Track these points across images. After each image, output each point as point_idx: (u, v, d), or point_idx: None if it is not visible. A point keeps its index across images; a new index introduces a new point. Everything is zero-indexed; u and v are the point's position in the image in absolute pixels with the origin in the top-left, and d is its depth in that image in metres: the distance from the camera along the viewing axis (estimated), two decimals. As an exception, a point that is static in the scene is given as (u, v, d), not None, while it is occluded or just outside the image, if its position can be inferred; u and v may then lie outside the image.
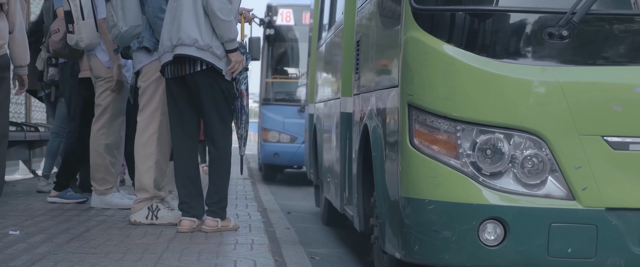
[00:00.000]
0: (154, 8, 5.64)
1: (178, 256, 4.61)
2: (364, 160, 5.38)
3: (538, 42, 3.99)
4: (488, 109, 3.97)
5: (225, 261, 4.53)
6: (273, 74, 14.81)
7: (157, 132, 5.70)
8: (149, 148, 5.71)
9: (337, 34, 7.07)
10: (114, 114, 6.60)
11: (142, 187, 5.72)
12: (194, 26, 5.27)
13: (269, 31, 14.69)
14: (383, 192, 4.57)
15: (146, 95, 5.77)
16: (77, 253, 4.58)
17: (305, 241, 7.02)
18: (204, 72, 5.34)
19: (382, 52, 4.83)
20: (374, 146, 4.83)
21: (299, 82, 14.66)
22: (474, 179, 3.97)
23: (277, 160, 14.27)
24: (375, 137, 4.83)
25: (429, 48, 4.05)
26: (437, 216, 3.99)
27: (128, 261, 4.40)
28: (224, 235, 5.44)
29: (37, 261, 4.32)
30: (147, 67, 5.76)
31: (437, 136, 4.03)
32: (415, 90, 4.08)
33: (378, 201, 4.70)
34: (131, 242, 5.03)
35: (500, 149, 3.97)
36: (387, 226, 4.45)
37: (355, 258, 6.55)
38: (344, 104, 6.44)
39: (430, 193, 4.01)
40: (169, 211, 5.81)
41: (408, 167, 4.10)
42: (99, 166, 6.56)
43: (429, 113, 4.03)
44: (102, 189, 6.62)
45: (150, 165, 5.69)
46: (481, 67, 3.98)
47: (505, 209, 3.93)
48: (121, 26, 5.67)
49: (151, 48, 5.68)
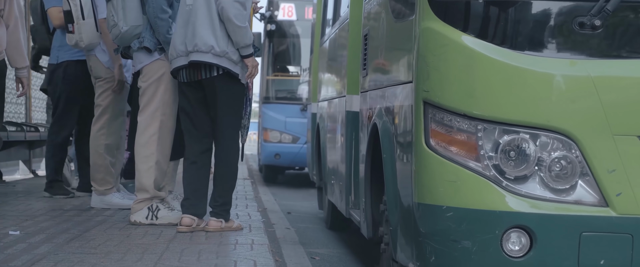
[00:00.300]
0: (155, 8, 5.62)
1: (178, 256, 4.59)
2: (372, 162, 5.03)
3: (567, 33, 3.63)
4: (512, 106, 3.61)
5: (225, 261, 4.50)
6: (274, 71, 14.25)
7: (157, 133, 5.69)
8: (149, 148, 5.70)
9: (342, 29, 6.73)
10: (114, 115, 6.61)
11: (142, 188, 5.71)
12: (209, 33, 5.33)
13: (270, 27, 14.15)
14: (394, 197, 4.22)
15: (147, 95, 5.74)
16: (77, 253, 4.57)
17: (305, 241, 6.96)
18: (220, 77, 5.40)
19: (394, 45, 4.47)
20: (384, 147, 4.47)
21: (301, 79, 14.13)
22: (496, 184, 3.61)
23: (279, 161, 13.66)
24: (385, 137, 4.48)
25: (446, 40, 3.69)
26: (456, 224, 3.63)
27: (128, 261, 4.39)
28: (224, 235, 5.42)
29: (37, 261, 4.30)
30: (147, 67, 5.74)
31: (455, 136, 3.67)
32: (431, 86, 3.72)
33: (389, 206, 4.35)
34: (131, 242, 5.02)
35: (525, 151, 3.61)
36: (399, 234, 4.10)
37: (355, 258, 6.45)
38: (350, 102, 6.12)
39: (448, 199, 3.66)
40: (169, 211, 5.80)
41: (423, 171, 3.74)
42: (99, 166, 6.56)
43: (447, 111, 3.67)
44: (102, 189, 6.62)
45: (151, 165, 5.68)
46: (504, 61, 3.62)
47: (531, 216, 3.57)
48: (122, 26, 5.66)
49: (152, 48, 5.68)
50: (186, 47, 5.38)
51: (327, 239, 7.52)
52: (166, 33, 5.63)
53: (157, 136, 5.69)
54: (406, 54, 4.05)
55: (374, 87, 5.00)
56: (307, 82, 13.11)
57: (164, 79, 5.69)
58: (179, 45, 5.43)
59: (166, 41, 5.62)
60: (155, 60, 5.70)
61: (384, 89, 4.61)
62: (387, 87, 4.50)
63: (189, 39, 5.36)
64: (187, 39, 5.38)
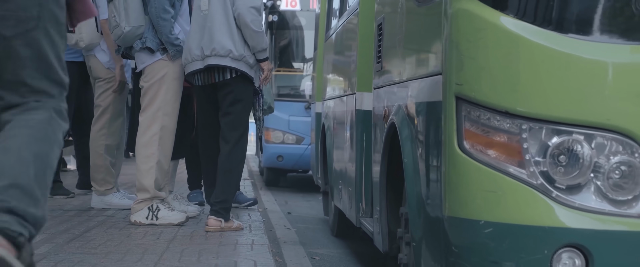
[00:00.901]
0: (157, 8, 5.69)
1: (178, 256, 4.59)
2: (388, 166, 4.46)
3: (629, 15, 3.06)
4: (564, 101, 3.03)
5: (225, 262, 4.48)
6: (277, 66, 12.93)
7: (158, 133, 5.74)
8: (150, 148, 5.74)
9: (350, 20, 6.15)
10: (114, 115, 6.65)
11: (142, 188, 5.75)
12: (227, 38, 5.50)
13: (272, 17, 12.90)
14: (418, 208, 3.64)
15: (148, 95, 5.78)
16: (77, 253, 4.58)
17: (305, 241, 6.91)
18: (234, 79, 5.56)
19: (417, 33, 3.89)
20: (405, 150, 3.89)
21: (306, 74, 13.00)
22: (544, 194, 3.03)
23: (282, 163, 12.40)
24: (406, 139, 3.90)
25: (484, 23, 3.12)
26: (497, 242, 3.06)
27: (128, 261, 4.39)
28: (224, 235, 5.40)
29: (37, 262, 4.17)
30: (150, 67, 5.79)
31: (495, 137, 3.10)
32: (465, 78, 3.14)
33: (411, 217, 3.78)
34: (131, 242, 5.03)
35: (579, 155, 3.03)
36: (424, 250, 3.53)
37: (355, 258, 6.39)
38: (360, 100, 5.55)
39: (487, 212, 3.08)
40: (169, 212, 5.81)
41: (456, 178, 3.17)
42: (99, 166, 6.61)
43: (485, 107, 3.10)
44: (102, 189, 6.67)
45: (152, 165, 5.71)
46: (555, 47, 3.04)
47: (587, 233, 2.99)
48: (124, 27, 5.69)
49: (154, 48, 5.74)
50: (203, 51, 5.53)
51: (327, 239, 7.36)
52: (169, 33, 5.71)
53: (159, 135, 5.73)
54: (433, 42, 3.48)
55: (391, 82, 4.43)
56: (312, 78, 12.12)
57: (166, 79, 5.74)
58: (194, 50, 5.58)
59: (168, 41, 5.71)
60: (157, 60, 5.76)
61: (404, 84, 4.03)
62: (409, 81, 3.92)
63: (206, 44, 5.52)
64: (204, 43, 5.54)
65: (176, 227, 5.64)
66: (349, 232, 7.23)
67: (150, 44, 5.71)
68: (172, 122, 5.79)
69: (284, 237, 6.44)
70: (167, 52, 5.74)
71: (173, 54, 5.73)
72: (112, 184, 6.69)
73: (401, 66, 4.18)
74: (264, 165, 13.20)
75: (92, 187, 6.75)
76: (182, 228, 5.66)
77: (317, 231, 7.94)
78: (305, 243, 6.72)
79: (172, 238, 5.20)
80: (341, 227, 7.28)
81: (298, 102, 12.44)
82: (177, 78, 5.79)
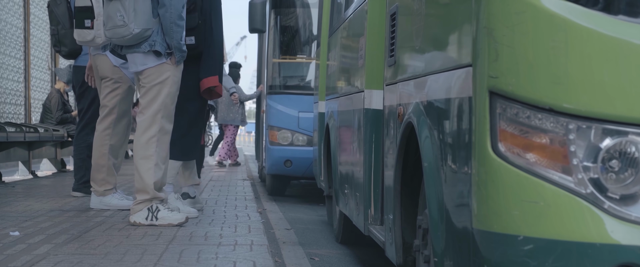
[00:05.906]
0: (173, 14, 5.73)
1: (177, 256, 4.59)
2: (403, 170, 4.02)
3: None
4: (619, 97, 2.60)
5: (224, 262, 4.48)
6: (282, 53, 10.71)
7: (157, 135, 5.77)
8: (149, 149, 5.76)
9: (357, 13, 5.71)
10: (120, 115, 6.69)
11: (142, 188, 5.77)
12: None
13: None
14: (440, 218, 3.21)
15: (149, 96, 5.82)
16: (77, 254, 4.59)
17: (304, 242, 6.88)
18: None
19: (439, 20, 3.45)
20: (425, 152, 3.45)
21: (318, 62, 11.64)
22: (595, 205, 2.60)
23: (290, 170, 10.39)
24: (426, 140, 3.46)
25: (523, 4, 2.68)
26: (538, 261, 2.62)
27: (127, 261, 4.39)
28: (224, 236, 5.45)
29: (37, 262, 4.32)
30: (152, 69, 5.83)
31: (536, 138, 2.66)
32: (501, 70, 2.70)
33: (432, 228, 3.34)
34: (130, 243, 5.05)
35: (636, 159, 2.59)
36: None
37: (355, 259, 6.35)
38: (369, 98, 5.12)
39: (526, 226, 2.64)
40: (169, 212, 5.85)
41: (489, 186, 2.73)
42: (101, 166, 6.65)
43: (524, 104, 2.67)
44: (101, 190, 6.70)
45: (150, 166, 5.75)
46: (607, 33, 2.61)
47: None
48: (133, 28, 5.67)
49: (162, 52, 5.78)
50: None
51: (327, 240, 7.28)
52: (180, 39, 5.78)
53: (157, 137, 5.77)
54: (460, 29, 3.03)
55: (407, 77, 3.99)
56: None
57: (168, 82, 5.80)
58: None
59: (178, 47, 5.78)
60: (161, 63, 5.81)
61: (423, 79, 3.59)
62: (430, 75, 3.48)
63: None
64: None
65: (176, 228, 5.70)
66: (356, 241, 6.86)
67: (159, 48, 5.76)
68: (169, 125, 5.86)
69: (283, 238, 6.37)
70: (171, 57, 5.83)
71: (178, 60, 5.85)
72: (112, 184, 6.74)
73: (420, 58, 3.74)
74: (268, 172, 11.06)
75: (91, 188, 6.80)
76: (181, 229, 5.68)
77: (316, 231, 7.79)
78: (304, 244, 6.69)
79: (172, 239, 5.24)
80: (346, 233, 6.86)
81: (308, 94, 10.30)
82: (177, 82, 5.90)
